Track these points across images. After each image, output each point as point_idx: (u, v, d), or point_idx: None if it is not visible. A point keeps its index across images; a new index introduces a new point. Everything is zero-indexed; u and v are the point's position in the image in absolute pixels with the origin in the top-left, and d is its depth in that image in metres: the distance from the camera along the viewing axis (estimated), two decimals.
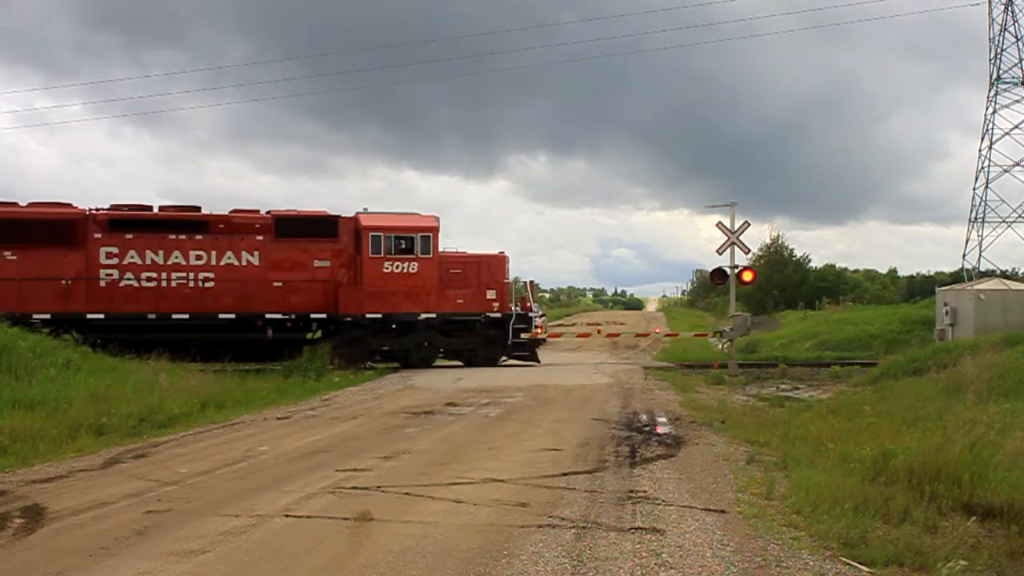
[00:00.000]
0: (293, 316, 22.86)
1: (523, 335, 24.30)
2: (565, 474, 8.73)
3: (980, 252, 50.30)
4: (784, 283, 61.85)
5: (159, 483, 8.52)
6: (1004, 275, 45.41)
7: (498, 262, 24.93)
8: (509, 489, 8.00)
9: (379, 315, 23.20)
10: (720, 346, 28.65)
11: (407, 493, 7.82)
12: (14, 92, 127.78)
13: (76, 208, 22.38)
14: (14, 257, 21.37)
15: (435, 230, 23.86)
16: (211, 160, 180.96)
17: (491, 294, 24.13)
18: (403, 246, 23.49)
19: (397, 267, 23.38)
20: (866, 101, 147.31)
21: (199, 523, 6.85)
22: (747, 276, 23.80)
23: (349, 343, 23.12)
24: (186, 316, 22.11)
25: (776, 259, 63.74)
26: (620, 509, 7.22)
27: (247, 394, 16.35)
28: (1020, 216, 50.27)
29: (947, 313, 26.40)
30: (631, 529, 6.56)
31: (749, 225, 23.07)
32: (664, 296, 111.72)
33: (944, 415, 11.78)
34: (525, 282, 26.15)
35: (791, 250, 66.08)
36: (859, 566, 5.78)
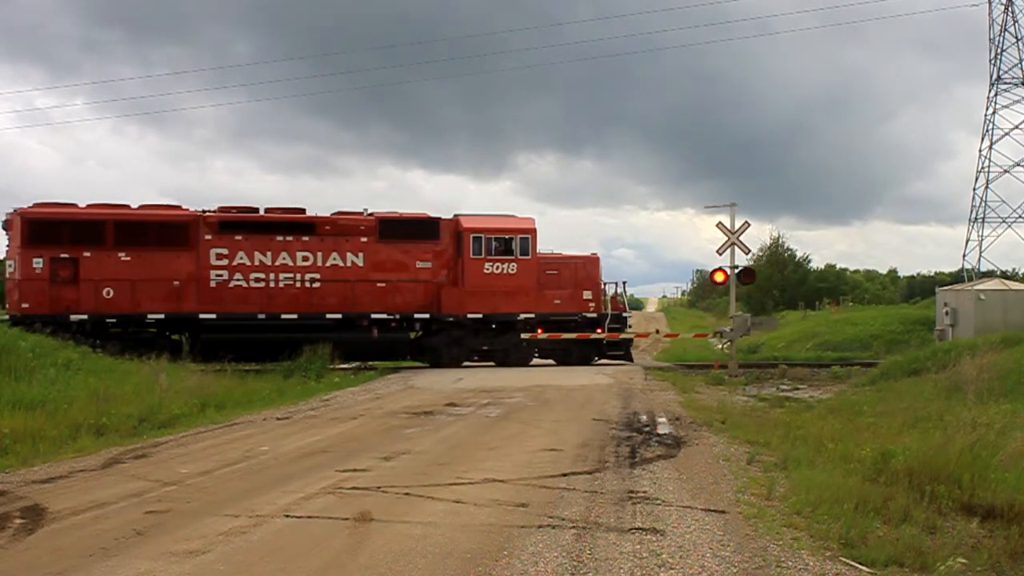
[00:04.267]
0: (397, 316, 23.37)
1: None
2: (565, 474, 8.72)
3: (980, 252, 50.41)
4: (784, 283, 61.86)
5: (159, 483, 8.52)
6: (1004, 275, 45.45)
7: (593, 263, 25.49)
8: (509, 489, 8.00)
9: (480, 315, 23.71)
10: (720, 346, 28.65)
11: (407, 493, 7.82)
12: (17, 92, 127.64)
13: (187, 210, 22.84)
14: (128, 258, 21.80)
15: (534, 232, 24.42)
16: (216, 159, 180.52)
17: (587, 294, 24.68)
18: (502, 247, 23.98)
19: (497, 268, 23.93)
20: (873, 100, 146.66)
21: (199, 523, 6.84)
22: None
23: (450, 342, 23.80)
24: (295, 316, 22.59)
25: (776, 259, 63.76)
26: (620, 509, 7.22)
27: (247, 394, 16.34)
28: (1020, 216, 50.38)
29: (947, 313, 26.41)
30: (631, 529, 6.55)
31: (749, 225, 23.13)
32: (664, 296, 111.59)
33: (944, 415, 11.78)
34: (615, 282, 26.59)
35: (792, 250, 66.18)
36: (859, 566, 5.78)
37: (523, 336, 24.07)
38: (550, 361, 24.77)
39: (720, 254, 22.81)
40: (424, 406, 14.96)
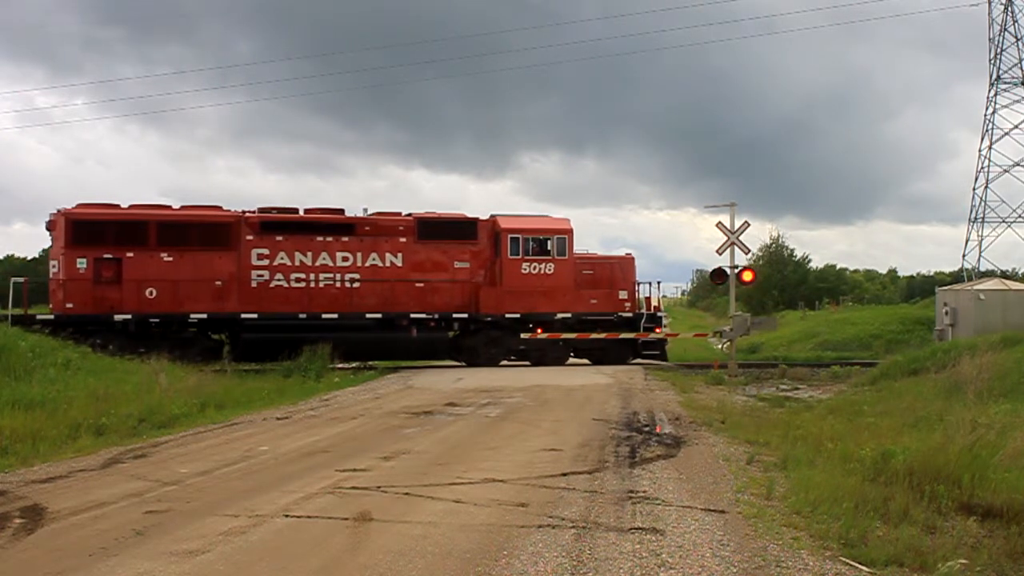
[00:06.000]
0: (436, 316, 23.59)
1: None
2: (565, 474, 8.72)
3: (980, 252, 50.47)
4: (784, 283, 61.89)
5: (159, 483, 8.52)
6: (1004, 275, 45.46)
7: (628, 263, 25.78)
8: (509, 489, 8.00)
9: (518, 315, 23.93)
10: (720, 346, 28.66)
11: (407, 493, 7.82)
12: (15, 92, 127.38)
13: (229, 211, 23.05)
14: (170, 259, 21.99)
15: (570, 232, 24.73)
16: (217, 158, 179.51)
17: (623, 294, 24.95)
18: (539, 248, 24.28)
19: (535, 268, 24.21)
20: (876, 99, 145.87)
21: (199, 523, 6.84)
22: (747, 276, 23.88)
23: (488, 342, 24.04)
24: (335, 316, 22.77)
25: (776, 259, 63.80)
26: (620, 509, 7.22)
27: (247, 394, 16.34)
28: (1020, 216, 50.43)
29: (947, 313, 26.40)
30: (631, 529, 6.56)
31: (748, 225, 23.11)
32: (664, 296, 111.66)
33: (944, 415, 11.77)
34: (649, 282, 26.93)
35: (791, 250, 66.23)
36: (859, 566, 5.78)
37: (523, 336, 24.11)
38: (585, 361, 24.93)
39: (720, 254, 22.80)
40: (424, 406, 14.96)
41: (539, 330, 24.10)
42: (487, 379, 20.06)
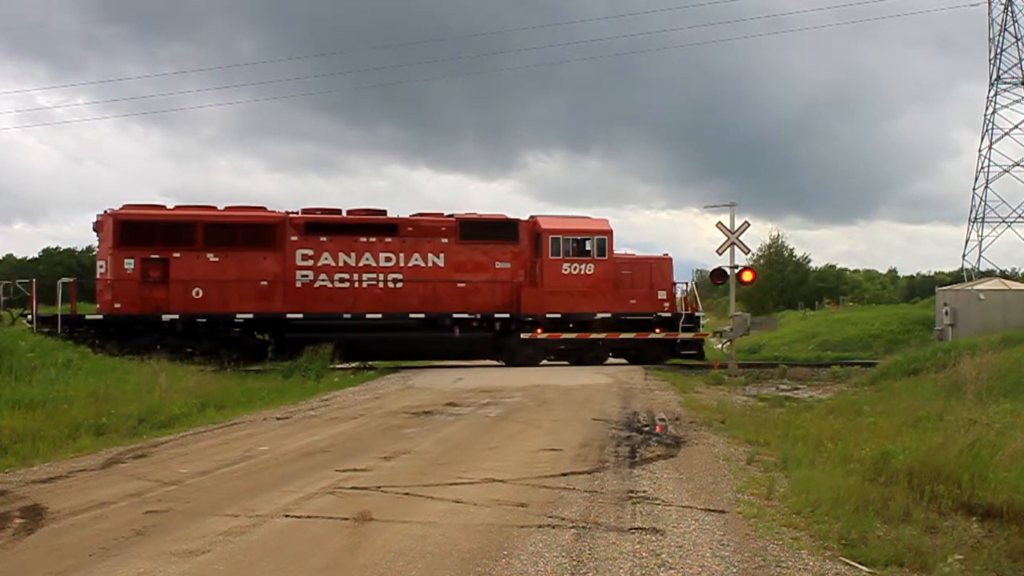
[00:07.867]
0: (478, 316, 23.76)
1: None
2: (565, 474, 8.73)
3: (980, 252, 50.51)
4: (784, 283, 61.85)
5: (159, 483, 8.52)
6: (1004, 275, 45.49)
7: (667, 264, 26.00)
8: (509, 489, 8.00)
9: (559, 315, 24.12)
10: (720, 346, 28.65)
11: (407, 493, 7.82)
12: (17, 92, 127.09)
13: (274, 212, 23.24)
14: (216, 259, 22.13)
15: (610, 232, 24.99)
16: (220, 157, 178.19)
17: (662, 295, 25.14)
18: (579, 248, 24.51)
19: (575, 268, 24.44)
20: (880, 98, 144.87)
21: (199, 523, 6.85)
22: (747, 276, 23.90)
23: (527, 341, 24.15)
24: (379, 316, 22.94)
25: (776, 259, 63.76)
26: (620, 509, 7.22)
27: (247, 394, 16.34)
28: (1020, 216, 50.45)
29: (947, 313, 26.40)
30: (631, 529, 6.56)
31: (748, 225, 23.11)
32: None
33: (944, 415, 11.77)
34: (685, 283, 27.10)
35: (791, 250, 66.20)
36: (859, 566, 5.78)
37: (523, 336, 24.13)
38: (622, 361, 25.06)
39: (720, 254, 22.81)
40: (424, 406, 14.96)
41: (539, 330, 24.12)
42: (487, 379, 20.06)
